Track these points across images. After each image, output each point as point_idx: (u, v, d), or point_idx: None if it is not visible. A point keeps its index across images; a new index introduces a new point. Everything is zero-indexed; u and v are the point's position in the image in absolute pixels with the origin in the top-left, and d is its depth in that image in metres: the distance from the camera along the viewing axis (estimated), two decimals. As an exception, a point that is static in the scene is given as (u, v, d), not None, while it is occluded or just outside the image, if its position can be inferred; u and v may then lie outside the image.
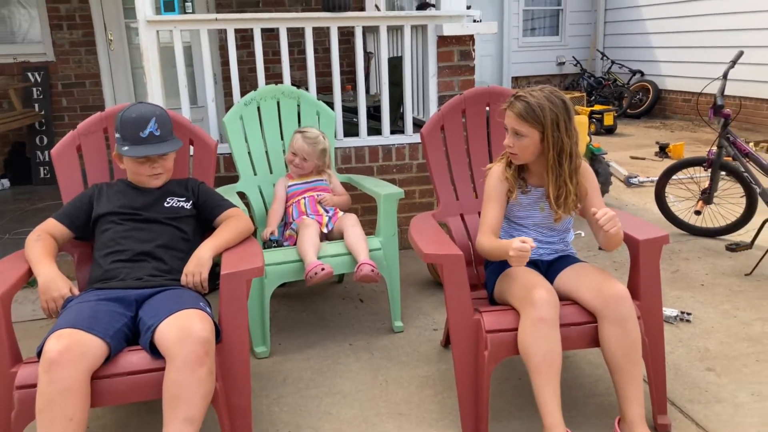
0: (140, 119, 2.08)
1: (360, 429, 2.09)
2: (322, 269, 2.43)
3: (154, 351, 1.73)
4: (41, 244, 1.99)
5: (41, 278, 1.88)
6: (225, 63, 5.84)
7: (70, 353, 1.59)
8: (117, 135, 2.13)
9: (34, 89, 5.50)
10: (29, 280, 1.94)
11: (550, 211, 2.08)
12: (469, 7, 3.72)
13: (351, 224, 2.70)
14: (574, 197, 2.04)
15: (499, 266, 2.15)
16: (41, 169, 5.50)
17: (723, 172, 3.81)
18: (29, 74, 5.49)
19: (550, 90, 1.99)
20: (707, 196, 3.83)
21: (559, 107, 1.96)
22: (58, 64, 5.62)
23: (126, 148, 2.09)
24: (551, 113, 1.94)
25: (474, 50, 3.67)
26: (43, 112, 5.51)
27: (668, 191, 4.05)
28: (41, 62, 5.57)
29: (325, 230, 2.79)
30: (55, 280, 1.87)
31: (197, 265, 1.98)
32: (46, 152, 5.47)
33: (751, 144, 5.51)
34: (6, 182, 5.35)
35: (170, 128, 2.18)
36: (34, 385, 1.61)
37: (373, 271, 2.49)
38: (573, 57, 10.32)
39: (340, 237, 2.71)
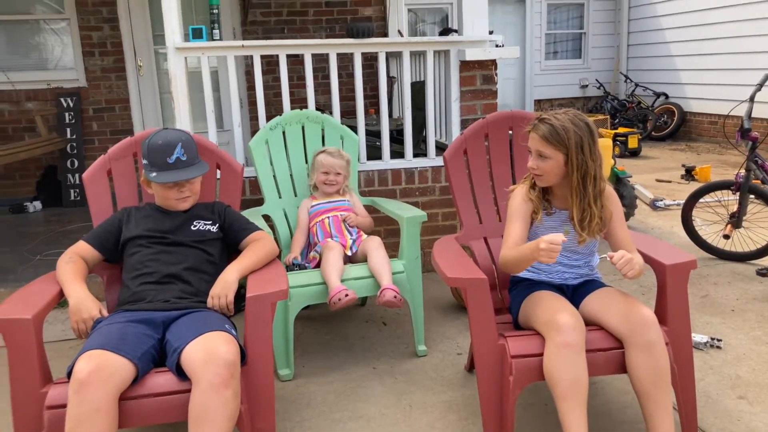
0: (167, 145, 2.13)
1: (383, 454, 2.08)
2: (346, 295, 2.43)
3: (181, 373, 1.75)
4: (72, 266, 2.04)
5: (72, 299, 1.92)
6: (251, 88, 5.93)
7: (100, 374, 1.61)
8: (144, 161, 2.18)
9: (67, 114, 5.65)
10: (60, 301, 1.98)
11: (575, 234, 2.07)
12: (491, 32, 3.74)
13: (375, 247, 2.71)
14: (598, 220, 2.02)
15: (523, 290, 2.14)
16: (72, 191, 5.62)
17: (752, 196, 3.75)
18: (62, 100, 5.65)
19: (574, 113, 1.99)
20: (736, 219, 3.77)
21: (584, 130, 1.95)
22: (90, 89, 5.78)
23: (154, 174, 2.13)
24: (575, 136, 1.94)
25: (496, 74, 3.69)
26: (74, 137, 5.65)
27: (695, 215, 3.99)
28: (74, 88, 5.73)
29: (348, 253, 2.80)
30: (85, 302, 1.91)
31: (223, 287, 2.01)
32: (77, 175, 5.60)
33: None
34: (38, 204, 5.47)
35: (196, 152, 2.22)
36: (64, 406, 1.64)
37: (396, 297, 2.48)
38: (596, 80, 10.30)
39: (364, 259, 2.71)
